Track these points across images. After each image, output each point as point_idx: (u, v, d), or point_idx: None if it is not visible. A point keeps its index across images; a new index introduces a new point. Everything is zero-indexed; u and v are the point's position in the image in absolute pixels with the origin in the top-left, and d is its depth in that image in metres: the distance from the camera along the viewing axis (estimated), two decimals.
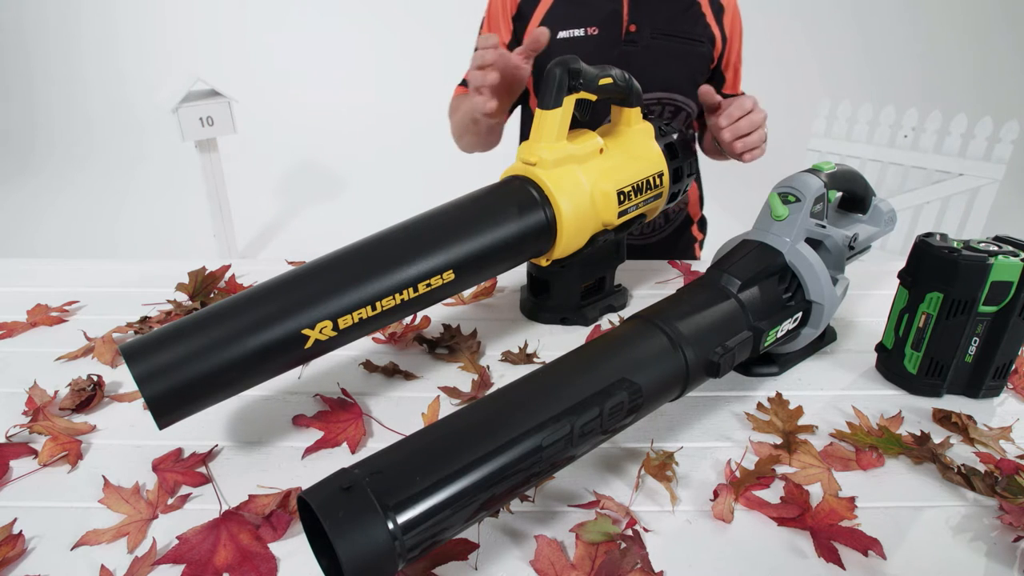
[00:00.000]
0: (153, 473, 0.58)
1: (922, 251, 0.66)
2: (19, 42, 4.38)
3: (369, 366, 0.74)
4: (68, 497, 0.56)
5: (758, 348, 0.63)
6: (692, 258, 1.22)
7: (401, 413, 0.67)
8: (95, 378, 0.69)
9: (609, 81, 0.74)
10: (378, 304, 0.61)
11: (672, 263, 1.01)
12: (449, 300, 0.90)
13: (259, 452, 0.62)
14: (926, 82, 4.14)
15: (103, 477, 0.57)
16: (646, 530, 0.52)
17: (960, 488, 0.57)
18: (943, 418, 0.65)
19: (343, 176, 3.90)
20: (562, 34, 0.99)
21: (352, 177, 3.88)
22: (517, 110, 1.12)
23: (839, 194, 0.78)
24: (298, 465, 0.60)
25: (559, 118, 0.72)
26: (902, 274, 0.69)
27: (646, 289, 0.94)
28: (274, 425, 0.65)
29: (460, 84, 1.09)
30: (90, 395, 0.67)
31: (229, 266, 0.93)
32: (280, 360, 0.58)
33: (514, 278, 0.96)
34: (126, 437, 0.64)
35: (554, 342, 0.80)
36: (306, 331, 0.57)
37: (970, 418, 0.64)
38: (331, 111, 4.31)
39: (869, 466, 0.59)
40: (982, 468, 0.58)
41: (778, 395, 0.68)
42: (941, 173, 2.45)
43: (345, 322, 0.59)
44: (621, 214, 0.76)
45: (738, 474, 0.57)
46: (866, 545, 0.50)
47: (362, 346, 0.79)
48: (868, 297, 0.91)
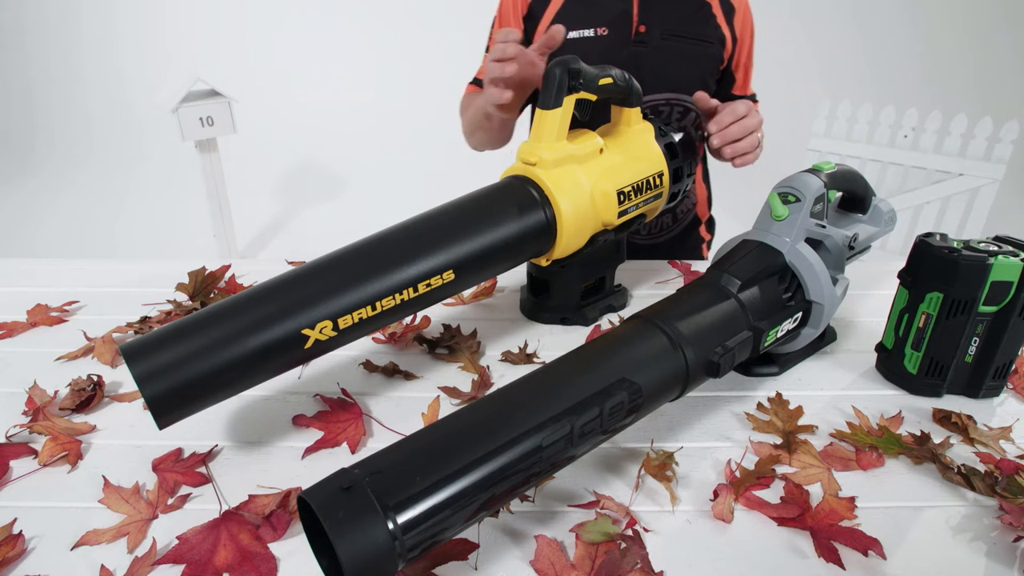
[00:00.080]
0: (153, 473, 0.58)
1: (922, 251, 0.66)
2: (19, 42, 4.38)
3: (369, 366, 0.74)
4: (68, 497, 0.56)
5: (758, 348, 0.63)
6: (700, 258, 1.22)
7: (401, 413, 0.67)
8: (95, 378, 0.69)
9: (609, 81, 0.74)
10: (378, 304, 0.61)
11: (672, 263, 1.01)
12: (449, 300, 0.90)
13: (259, 452, 0.62)
14: (926, 82, 4.15)
15: (103, 477, 0.57)
16: (646, 530, 0.52)
17: (960, 488, 0.57)
18: (943, 418, 0.65)
19: (343, 176, 3.90)
20: (572, 34, 0.99)
21: (352, 177, 3.88)
22: (527, 110, 1.12)
23: (839, 194, 0.78)
24: (298, 465, 0.60)
25: (559, 118, 0.72)
26: (902, 274, 0.69)
27: (646, 289, 0.94)
28: (274, 425, 0.65)
29: (471, 83, 1.10)
30: (90, 395, 0.67)
31: (229, 266, 0.93)
32: (280, 360, 0.58)
33: (514, 278, 0.96)
34: (126, 437, 0.64)
35: (554, 342, 0.80)
36: (306, 331, 0.57)
37: (970, 418, 0.64)
38: (331, 111, 4.32)
39: (869, 466, 0.59)
40: (982, 468, 0.58)
41: (778, 395, 0.68)
42: (941, 173, 2.45)
43: (345, 322, 0.59)
44: (621, 214, 0.76)
45: (738, 474, 0.57)
46: (866, 545, 0.50)
47: (362, 346, 0.79)
48: (868, 297, 0.91)
